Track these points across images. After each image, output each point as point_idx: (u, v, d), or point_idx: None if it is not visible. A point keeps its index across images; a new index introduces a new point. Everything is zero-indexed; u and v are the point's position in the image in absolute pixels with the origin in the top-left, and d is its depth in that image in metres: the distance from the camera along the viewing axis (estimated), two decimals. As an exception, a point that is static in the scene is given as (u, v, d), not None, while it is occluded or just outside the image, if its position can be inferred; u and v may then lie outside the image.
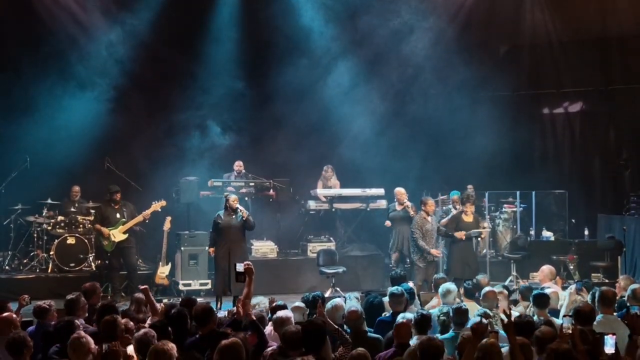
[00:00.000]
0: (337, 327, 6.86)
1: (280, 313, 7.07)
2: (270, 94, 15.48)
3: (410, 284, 9.75)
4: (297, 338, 5.98)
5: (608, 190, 16.47)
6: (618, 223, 14.31)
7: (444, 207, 14.12)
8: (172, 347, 5.50)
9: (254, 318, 6.58)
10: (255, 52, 15.26)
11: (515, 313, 7.58)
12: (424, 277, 12.07)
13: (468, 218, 12.51)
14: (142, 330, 6.11)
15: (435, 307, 8.80)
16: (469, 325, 6.89)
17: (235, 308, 7.46)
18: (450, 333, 7.23)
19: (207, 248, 12.15)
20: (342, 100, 15.37)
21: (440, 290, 8.79)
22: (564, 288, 10.69)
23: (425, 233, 12.23)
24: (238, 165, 14.35)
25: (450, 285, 8.84)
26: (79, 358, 5.77)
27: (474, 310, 7.80)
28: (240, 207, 11.52)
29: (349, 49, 15.33)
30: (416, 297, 9.51)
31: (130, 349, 6.14)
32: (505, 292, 9.38)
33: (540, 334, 6.04)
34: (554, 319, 7.74)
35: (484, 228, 13.12)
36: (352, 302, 8.25)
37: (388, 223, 13.11)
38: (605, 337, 5.65)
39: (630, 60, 15.91)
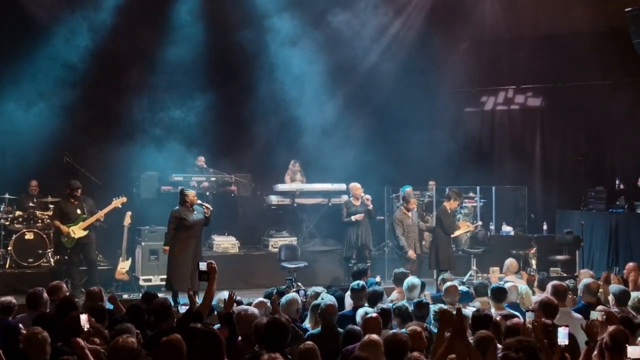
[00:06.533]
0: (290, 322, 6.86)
1: (245, 308, 7.06)
2: (232, 90, 15.42)
3: (378, 279, 9.77)
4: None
5: (566, 185, 16.69)
6: (576, 218, 14.50)
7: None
8: (132, 341, 5.44)
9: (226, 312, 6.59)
10: (215, 49, 15.12)
11: (472, 309, 7.67)
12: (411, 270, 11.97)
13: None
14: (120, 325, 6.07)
15: (395, 301, 8.86)
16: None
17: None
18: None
19: (163, 246, 11.43)
20: (301, 96, 15.29)
21: (405, 285, 8.79)
22: (529, 282, 10.84)
23: (407, 228, 12.40)
24: (200, 160, 14.34)
25: (414, 280, 8.83)
26: (36, 353, 5.68)
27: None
28: (206, 204, 11.31)
29: (309, 43, 15.24)
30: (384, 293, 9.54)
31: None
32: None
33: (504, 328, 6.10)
34: (511, 311, 7.83)
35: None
36: (329, 296, 8.24)
37: (358, 217, 12.71)
38: (559, 328, 5.78)
39: (587, 58, 16.09)
